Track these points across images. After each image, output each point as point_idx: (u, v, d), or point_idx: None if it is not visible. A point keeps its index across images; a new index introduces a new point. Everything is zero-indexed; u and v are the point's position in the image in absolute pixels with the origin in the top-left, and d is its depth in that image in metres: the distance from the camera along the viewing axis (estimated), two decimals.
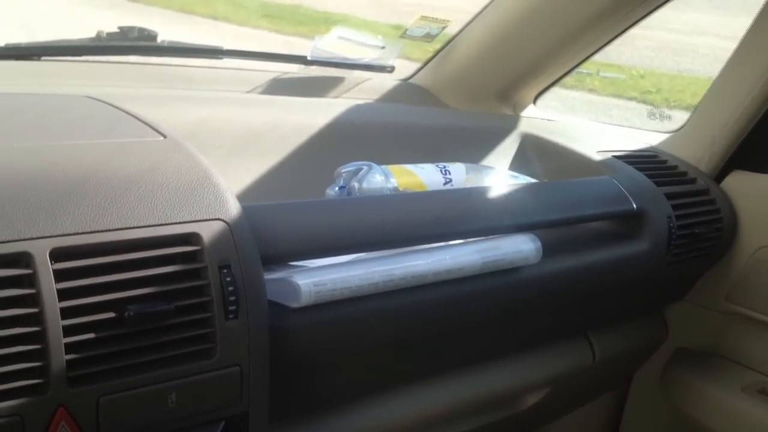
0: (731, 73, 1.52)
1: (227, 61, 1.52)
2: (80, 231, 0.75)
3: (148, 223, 0.79)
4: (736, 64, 1.50)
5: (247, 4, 7.77)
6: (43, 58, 1.30)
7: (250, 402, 0.85)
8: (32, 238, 0.72)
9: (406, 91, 1.67)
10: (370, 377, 1.09)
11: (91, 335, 0.74)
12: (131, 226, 0.78)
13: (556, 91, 1.71)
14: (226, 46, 1.47)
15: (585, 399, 1.61)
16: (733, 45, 1.52)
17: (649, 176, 1.39)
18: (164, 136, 0.91)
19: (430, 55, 1.72)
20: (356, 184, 1.12)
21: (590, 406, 1.64)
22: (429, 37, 1.71)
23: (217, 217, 0.83)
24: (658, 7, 1.46)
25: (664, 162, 1.51)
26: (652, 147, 1.60)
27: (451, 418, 1.27)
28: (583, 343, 1.41)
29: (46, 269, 0.72)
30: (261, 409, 0.86)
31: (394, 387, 1.14)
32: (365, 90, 1.60)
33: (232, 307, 0.81)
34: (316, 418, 1.06)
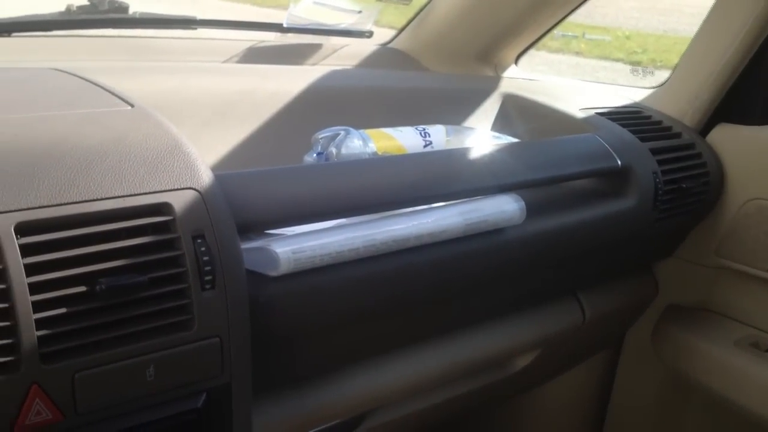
0: (712, 25, 1.49)
1: (202, 32, 1.49)
2: (46, 204, 0.73)
3: (116, 194, 0.77)
4: (717, 17, 1.48)
5: None
6: (13, 34, 1.27)
7: (231, 373, 0.83)
8: None
9: (385, 56, 1.65)
10: (355, 345, 1.07)
11: (63, 310, 0.72)
12: (99, 197, 0.76)
13: (542, 55, 1.69)
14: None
15: (577, 359, 1.60)
16: None
17: (634, 132, 1.37)
18: (131, 106, 0.89)
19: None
20: (334, 150, 1.10)
21: (583, 366, 1.64)
22: (406, 0, 1.69)
23: (188, 186, 0.81)
24: None
25: (649, 117, 1.49)
26: (636, 103, 1.58)
27: (440, 383, 1.26)
28: (573, 303, 1.40)
29: (11, 244, 0.70)
30: (243, 380, 0.85)
31: (381, 354, 1.13)
32: (343, 56, 1.58)
33: (208, 278, 0.80)
34: (301, 387, 1.05)
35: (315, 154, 1.11)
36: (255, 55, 1.49)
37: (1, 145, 0.75)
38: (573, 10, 1.53)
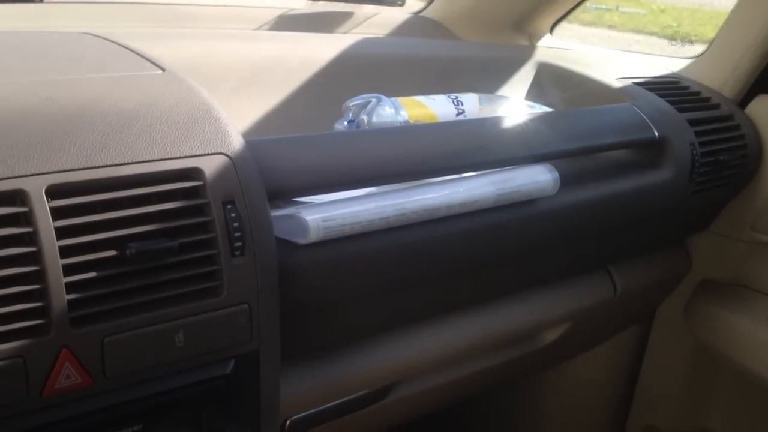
0: None
1: None
2: (77, 167, 0.72)
3: (147, 159, 0.76)
4: None
5: None
6: (45, 0, 1.27)
7: (260, 340, 0.83)
8: (27, 175, 0.69)
9: (417, 25, 1.63)
10: (383, 315, 1.06)
11: (93, 274, 0.72)
12: (130, 161, 0.75)
13: (574, 28, 1.66)
14: None
15: (607, 334, 1.59)
16: None
17: (671, 102, 1.34)
18: (163, 70, 0.88)
19: None
20: (365, 118, 1.08)
21: (613, 341, 1.62)
22: None
23: (219, 151, 0.80)
24: None
25: (686, 88, 1.45)
26: (673, 73, 1.55)
27: (468, 356, 1.25)
28: (604, 276, 1.38)
29: (42, 207, 0.69)
30: (272, 347, 0.85)
31: (410, 325, 1.12)
32: (375, 24, 1.56)
33: (237, 244, 0.79)
34: (329, 356, 1.04)
35: (346, 122, 1.10)
36: (286, 23, 1.47)
37: (32, 108, 0.75)
38: None
